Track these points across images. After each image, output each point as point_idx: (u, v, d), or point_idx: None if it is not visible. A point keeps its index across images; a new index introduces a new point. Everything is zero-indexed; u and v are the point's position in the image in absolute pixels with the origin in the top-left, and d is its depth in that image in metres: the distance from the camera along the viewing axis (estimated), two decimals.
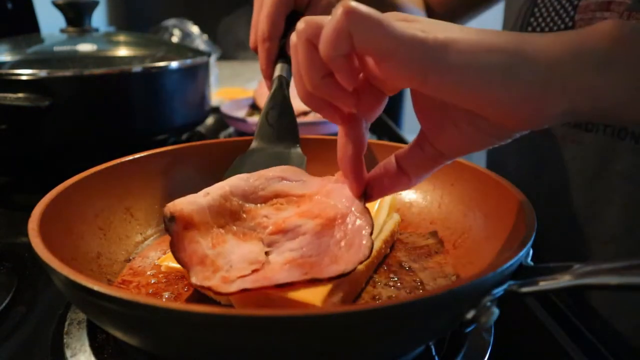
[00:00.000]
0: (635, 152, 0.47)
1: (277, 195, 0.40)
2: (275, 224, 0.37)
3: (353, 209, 0.36)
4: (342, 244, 0.34)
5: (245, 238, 0.36)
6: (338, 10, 0.26)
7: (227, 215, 0.38)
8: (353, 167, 0.34)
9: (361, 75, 0.31)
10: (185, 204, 0.36)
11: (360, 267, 0.34)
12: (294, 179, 0.42)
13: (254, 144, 0.51)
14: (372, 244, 0.34)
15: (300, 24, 0.29)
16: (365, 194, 0.36)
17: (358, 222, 0.36)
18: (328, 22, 0.27)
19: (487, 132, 0.30)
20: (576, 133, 0.52)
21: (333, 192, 0.39)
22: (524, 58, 0.26)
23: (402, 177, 0.34)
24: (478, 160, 0.69)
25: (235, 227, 0.37)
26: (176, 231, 0.35)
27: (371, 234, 0.34)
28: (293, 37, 0.30)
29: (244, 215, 0.38)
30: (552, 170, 0.55)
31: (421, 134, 0.34)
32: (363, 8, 0.26)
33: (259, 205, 0.40)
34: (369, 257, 0.33)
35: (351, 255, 0.33)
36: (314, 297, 0.32)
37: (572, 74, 0.27)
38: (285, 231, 0.36)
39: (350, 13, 0.25)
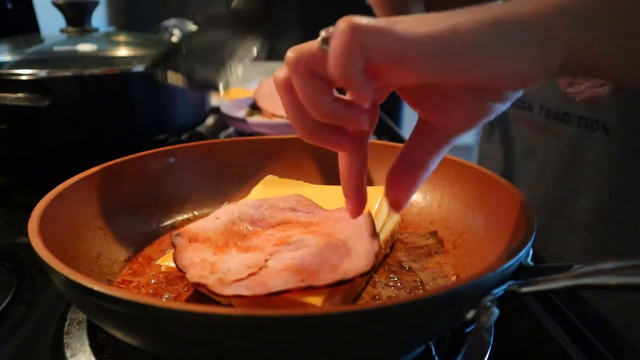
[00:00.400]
0: (604, 143, 0.49)
1: (284, 223, 0.41)
2: (279, 238, 0.38)
3: (361, 234, 0.36)
4: (345, 257, 0.34)
5: (248, 250, 0.37)
6: (342, 28, 0.25)
7: (234, 236, 0.39)
8: (358, 187, 0.33)
9: None
10: (192, 226, 0.38)
11: None
12: (304, 211, 0.42)
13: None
14: (374, 262, 0.34)
15: (290, 54, 0.28)
16: (395, 204, 0.34)
17: (364, 243, 0.35)
18: (334, 43, 0.26)
19: (491, 99, 0.31)
20: (554, 125, 0.54)
21: (342, 220, 0.39)
22: (519, 25, 0.27)
23: (419, 170, 0.34)
24: (470, 156, 0.69)
25: (239, 242, 0.38)
26: (180, 243, 0.36)
27: (376, 255, 0.34)
28: (281, 74, 0.29)
29: (250, 235, 0.39)
30: (533, 160, 0.58)
31: (423, 122, 0.33)
32: (365, 20, 0.25)
33: (265, 230, 0.40)
34: (369, 271, 0.33)
35: (352, 265, 0.33)
36: (314, 297, 0.32)
37: (563, 29, 0.27)
38: (289, 243, 0.37)
39: (356, 28, 0.25)
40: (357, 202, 0.33)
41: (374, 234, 0.36)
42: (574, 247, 0.53)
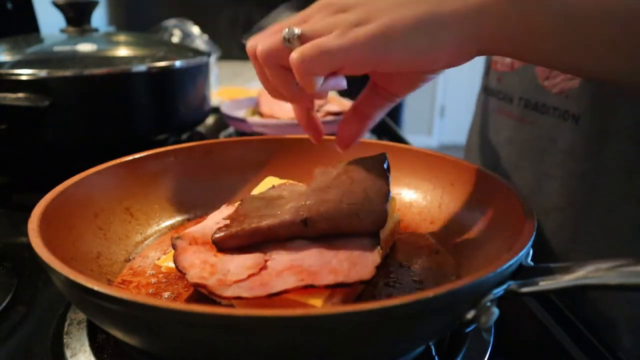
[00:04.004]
0: (574, 131, 0.54)
1: None
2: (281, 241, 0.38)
3: (363, 245, 0.36)
4: (345, 262, 0.34)
5: (248, 251, 0.37)
6: (294, 60, 0.33)
7: None
8: (311, 123, 0.45)
9: None
10: (192, 229, 0.39)
11: None
12: None
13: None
14: (375, 270, 0.34)
15: (260, 48, 0.36)
16: (343, 144, 0.44)
17: (366, 253, 0.35)
18: (292, 65, 0.33)
19: (425, 73, 0.39)
20: (532, 115, 0.60)
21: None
22: (439, 24, 0.33)
23: (366, 120, 0.43)
24: (469, 156, 0.70)
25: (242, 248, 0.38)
26: (181, 245, 0.37)
27: (377, 266, 0.34)
28: (255, 50, 0.37)
29: None
30: (512, 148, 0.63)
31: (373, 84, 0.42)
32: (305, 52, 0.33)
33: None
34: (369, 279, 0.33)
35: (352, 271, 0.33)
36: (315, 298, 0.32)
37: (474, 27, 0.33)
38: (290, 246, 0.37)
39: (299, 65, 0.33)
40: (316, 132, 0.45)
41: (377, 246, 0.36)
42: (548, 230, 0.56)
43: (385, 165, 0.43)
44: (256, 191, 0.47)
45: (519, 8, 0.32)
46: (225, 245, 0.37)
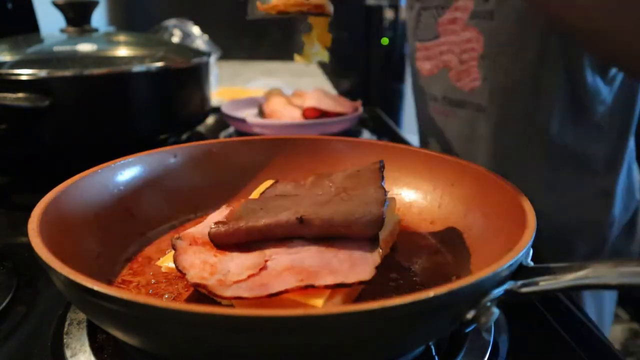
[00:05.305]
0: (483, 120, 0.73)
1: None
2: (280, 240, 0.38)
3: (363, 245, 0.36)
4: (345, 262, 0.34)
5: (248, 251, 0.37)
6: None
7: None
8: None
9: None
10: (192, 230, 0.39)
11: None
12: None
13: None
14: (375, 271, 0.34)
15: None
16: None
17: (366, 254, 0.35)
18: None
19: None
20: (453, 110, 0.76)
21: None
22: None
23: None
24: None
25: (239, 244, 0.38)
26: (181, 246, 0.37)
27: (377, 266, 0.34)
28: None
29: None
30: (443, 137, 0.80)
31: None
32: None
33: None
34: (369, 279, 0.33)
35: (352, 272, 0.33)
36: (315, 298, 0.32)
37: None
38: (290, 247, 0.37)
39: None
40: None
41: (376, 246, 0.36)
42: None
43: (381, 172, 0.43)
44: (255, 194, 0.47)
45: None
46: (221, 241, 0.37)
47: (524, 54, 0.67)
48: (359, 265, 0.34)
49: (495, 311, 0.28)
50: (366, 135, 0.93)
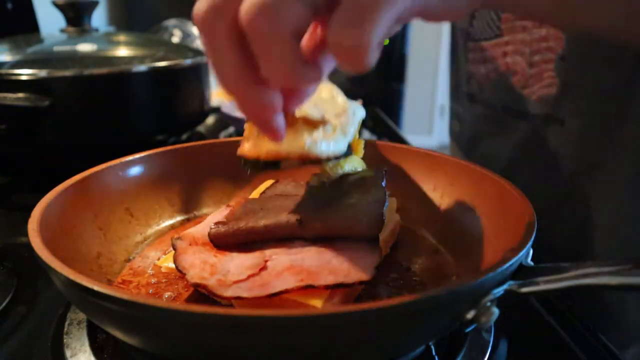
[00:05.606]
0: (564, 136, 0.57)
1: None
2: (280, 241, 0.38)
3: (362, 245, 0.36)
4: (345, 262, 0.34)
5: (247, 252, 0.37)
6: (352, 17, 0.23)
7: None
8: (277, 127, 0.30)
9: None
10: (192, 230, 0.39)
11: None
12: None
13: None
14: (375, 271, 0.33)
15: (261, 15, 0.23)
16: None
17: (365, 254, 0.35)
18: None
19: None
20: (513, 122, 0.62)
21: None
22: None
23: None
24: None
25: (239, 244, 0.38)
26: (181, 246, 0.37)
27: (377, 266, 0.34)
28: (220, 23, 0.25)
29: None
30: (492, 153, 0.66)
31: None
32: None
33: None
34: (369, 279, 0.33)
35: (352, 272, 0.33)
36: (315, 299, 0.32)
37: None
38: (290, 247, 0.37)
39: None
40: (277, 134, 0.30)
41: (376, 247, 0.36)
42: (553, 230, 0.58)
43: (383, 178, 0.42)
44: (255, 194, 0.47)
45: None
46: (221, 241, 0.37)
47: (620, 55, 0.53)
48: (358, 265, 0.34)
49: (495, 311, 0.28)
50: (366, 135, 0.93)
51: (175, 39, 1.38)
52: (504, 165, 0.64)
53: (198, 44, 1.37)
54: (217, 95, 1.19)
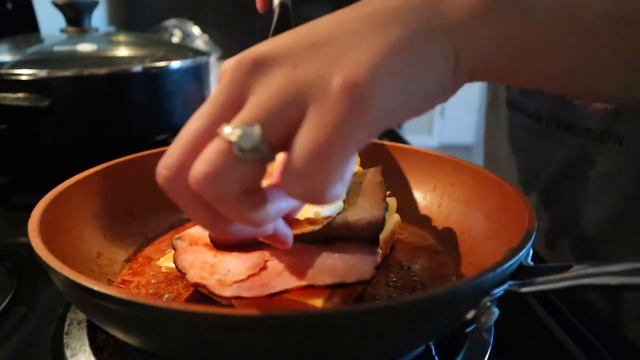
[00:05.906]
0: (618, 154, 0.50)
1: None
2: None
3: (363, 245, 0.36)
4: (345, 262, 0.34)
5: (248, 252, 0.37)
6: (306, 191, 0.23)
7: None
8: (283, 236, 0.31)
9: None
10: (193, 230, 0.39)
11: None
12: None
13: None
14: (375, 271, 0.33)
15: (200, 171, 0.23)
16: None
17: (365, 254, 0.35)
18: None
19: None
20: (561, 135, 0.55)
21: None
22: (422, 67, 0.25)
23: None
24: (471, 156, 0.69)
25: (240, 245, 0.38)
26: (181, 245, 0.37)
27: (377, 266, 0.34)
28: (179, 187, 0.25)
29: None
30: (533, 168, 0.59)
31: None
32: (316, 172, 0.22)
33: None
34: (369, 280, 0.33)
35: (352, 272, 0.33)
36: (315, 298, 0.32)
37: (466, 50, 0.26)
38: (290, 247, 0.37)
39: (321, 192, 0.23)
40: (284, 244, 0.32)
41: (376, 247, 0.36)
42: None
43: (380, 176, 0.43)
44: None
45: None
46: (221, 241, 0.37)
47: None
48: (358, 265, 0.34)
49: (495, 311, 0.28)
50: None
51: (175, 39, 1.38)
52: (546, 182, 0.58)
53: (198, 43, 1.37)
54: None
